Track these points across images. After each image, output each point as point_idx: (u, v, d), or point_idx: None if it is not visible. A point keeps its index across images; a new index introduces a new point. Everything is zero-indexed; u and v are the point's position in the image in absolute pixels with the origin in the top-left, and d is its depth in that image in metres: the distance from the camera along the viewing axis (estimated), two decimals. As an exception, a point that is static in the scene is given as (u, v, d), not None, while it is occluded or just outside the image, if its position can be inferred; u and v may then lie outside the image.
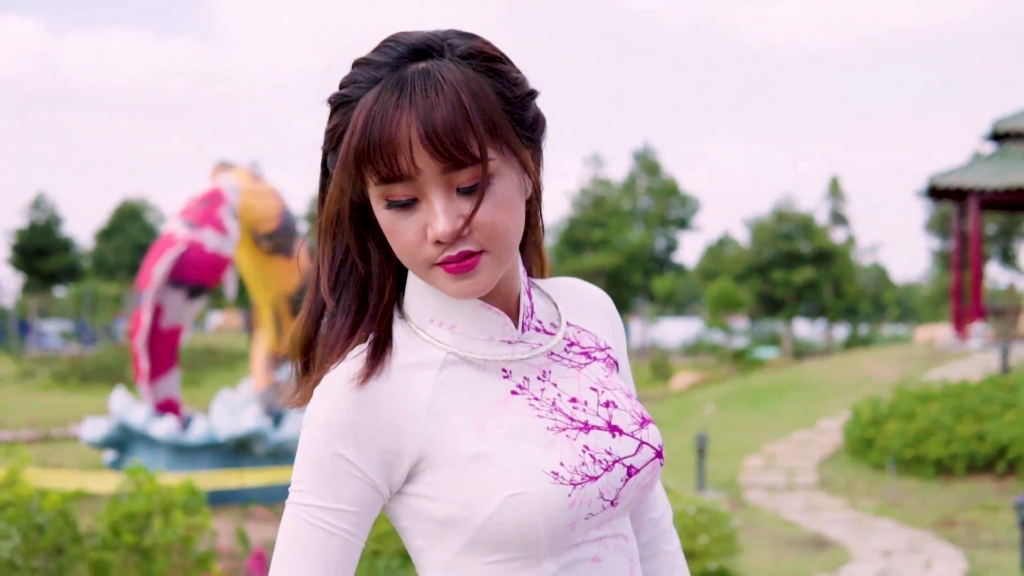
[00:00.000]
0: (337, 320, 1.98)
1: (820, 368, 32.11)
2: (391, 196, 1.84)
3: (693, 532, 12.05)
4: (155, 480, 7.94)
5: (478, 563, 1.92)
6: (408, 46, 1.87)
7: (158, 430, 17.57)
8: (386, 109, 1.80)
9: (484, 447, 1.90)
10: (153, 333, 18.02)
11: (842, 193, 76.37)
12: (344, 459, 1.88)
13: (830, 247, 70.05)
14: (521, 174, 1.92)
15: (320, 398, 1.91)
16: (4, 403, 36.81)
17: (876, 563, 13.25)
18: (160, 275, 17.69)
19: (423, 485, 1.92)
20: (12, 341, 68.89)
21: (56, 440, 27.15)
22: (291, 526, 1.91)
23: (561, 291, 2.21)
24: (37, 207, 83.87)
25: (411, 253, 1.87)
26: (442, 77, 1.81)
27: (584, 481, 1.91)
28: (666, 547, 2.29)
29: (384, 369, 1.91)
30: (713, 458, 20.52)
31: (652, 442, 2.07)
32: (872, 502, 17.56)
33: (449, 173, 1.82)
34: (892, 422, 19.34)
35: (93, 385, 41.97)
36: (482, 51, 1.90)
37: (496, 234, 1.86)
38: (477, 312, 1.99)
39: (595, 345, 2.16)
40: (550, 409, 1.98)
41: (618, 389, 2.11)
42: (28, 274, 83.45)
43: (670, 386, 42.78)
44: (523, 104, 1.93)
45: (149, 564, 7.61)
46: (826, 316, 72.76)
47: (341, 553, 1.90)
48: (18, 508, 7.74)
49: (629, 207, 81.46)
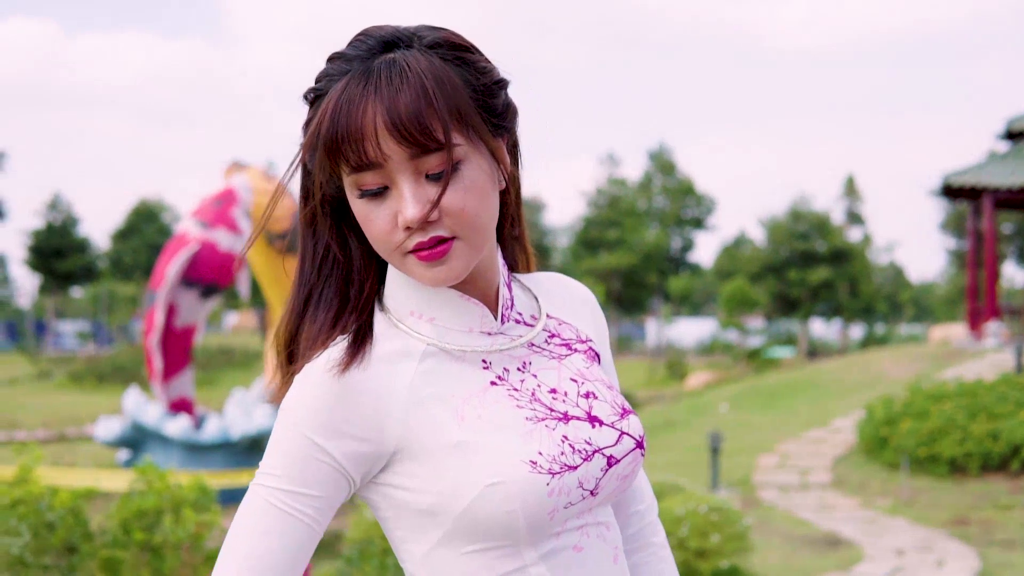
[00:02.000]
0: (320, 313, 2.00)
1: (834, 367, 32.05)
2: (362, 185, 1.86)
3: (705, 530, 12.06)
4: (165, 478, 7.96)
5: (459, 553, 1.94)
6: (378, 39, 1.89)
7: (171, 429, 17.63)
8: (352, 98, 1.82)
9: (463, 436, 1.91)
10: (166, 332, 18.09)
11: (858, 192, 76.23)
12: (315, 445, 1.88)
13: (846, 246, 69.95)
14: (492, 163, 1.94)
15: (299, 385, 1.93)
16: (20, 403, 36.95)
17: (889, 562, 13.24)
18: (173, 274, 17.76)
19: (402, 475, 1.94)
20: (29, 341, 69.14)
21: (71, 440, 27.26)
22: (253, 506, 1.91)
23: (542, 285, 2.22)
24: (53, 208, 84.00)
25: (384, 241, 1.89)
26: (407, 65, 1.84)
27: (563, 470, 1.92)
28: (653, 539, 2.31)
29: (364, 359, 1.93)
30: (727, 457, 20.50)
31: (633, 433, 2.08)
32: (886, 501, 17.54)
33: (416, 159, 1.83)
34: (906, 421, 19.30)
35: (109, 385, 42.10)
36: (449, 40, 1.92)
37: (466, 219, 1.87)
38: (456, 303, 2.00)
39: (576, 337, 2.18)
40: (529, 400, 1.99)
41: (599, 380, 2.12)
42: (44, 275, 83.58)
43: (684, 386, 42.79)
44: (490, 92, 1.94)
45: (159, 561, 7.64)
46: (842, 316, 72.66)
47: (300, 537, 1.90)
48: (29, 506, 7.77)
49: (644, 207, 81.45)
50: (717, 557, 12.13)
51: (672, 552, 10.61)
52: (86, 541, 7.85)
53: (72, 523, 7.81)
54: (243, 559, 1.88)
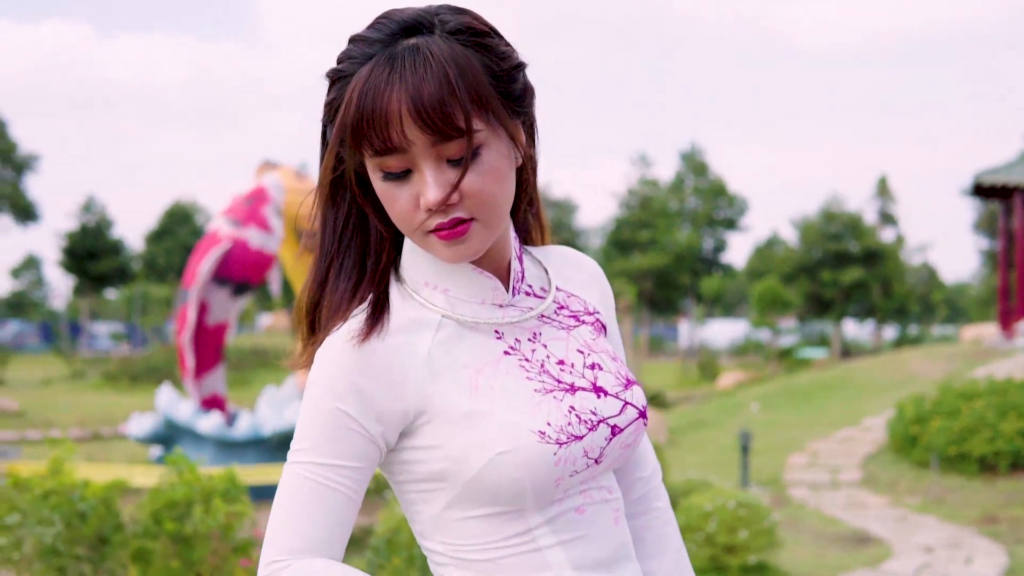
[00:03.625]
0: (340, 283, 2.08)
1: (866, 367, 31.97)
2: (386, 168, 1.94)
3: (733, 526, 12.09)
4: (196, 469, 8.05)
5: (467, 515, 2.03)
6: (400, 22, 1.96)
7: (204, 426, 17.75)
8: (378, 84, 1.90)
9: (476, 406, 2.00)
10: (198, 330, 18.22)
11: (890, 192, 75.94)
12: (345, 415, 1.97)
13: (879, 247, 69.70)
14: (510, 145, 2.01)
15: (322, 357, 2.01)
16: (55, 403, 37.14)
17: (917, 559, 13.24)
18: (205, 273, 17.88)
19: (418, 441, 2.02)
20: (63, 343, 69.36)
21: (105, 439, 27.42)
22: (290, 483, 2.00)
23: (553, 258, 2.31)
24: (87, 210, 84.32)
25: (407, 221, 1.97)
26: (431, 53, 1.90)
27: (570, 440, 2.00)
28: (656, 503, 2.37)
29: (383, 329, 2.01)
30: (757, 456, 20.51)
31: (636, 403, 2.16)
32: (915, 499, 17.52)
33: (438, 145, 1.91)
34: (936, 420, 19.26)
35: (143, 385, 42.28)
36: (471, 26, 1.98)
37: (484, 202, 1.95)
38: (469, 276, 2.09)
39: (584, 309, 2.26)
40: (539, 372, 2.08)
41: (604, 352, 2.20)
42: (79, 276, 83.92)
43: (716, 386, 42.77)
44: (510, 77, 2.01)
45: (189, 551, 7.73)
46: (875, 316, 72.42)
47: (340, 507, 1.98)
48: (61, 496, 7.88)
49: (677, 207, 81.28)
50: (745, 552, 12.17)
51: (700, 548, 10.65)
52: (117, 531, 7.96)
53: (104, 514, 7.91)
54: (290, 536, 1.96)
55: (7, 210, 77.61)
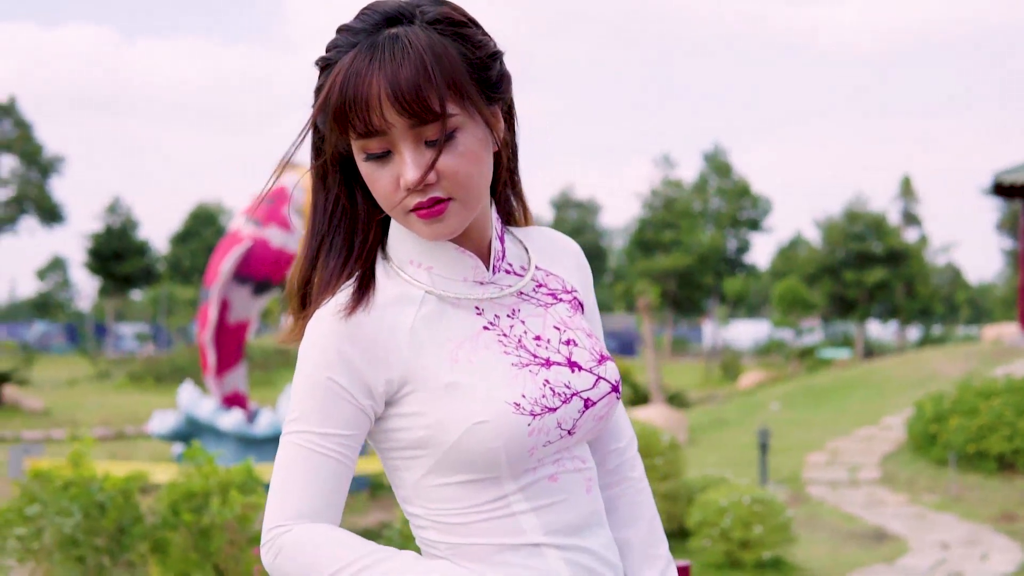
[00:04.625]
0: (330, 260, 2.21)
1: (886, 366, 31.91)
2: (368, 149, 2.08)
3: (748, 521, 12.16)
4: (213, 461, 8.17)
5: (445, 482, 2.14)
6: (382, 14, 2.09)
7: (225, 423, 17.85)
8: (359, 71, 2.03)
9: (456, 378, 2.12)
10: (220, 328, 18.32)
11: (914, 192, 75.76)
12: (336, 383, 2.10)
13: (902, 247, 69.48)
14: (487, 129, 2.13)
15: (312, 330, 2.14)
16: (80, 403, 37.32)
17: (933, 555, 13.29)
18: (226, 271, 17.97)
19: (402, 409, 2.14)
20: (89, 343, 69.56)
21: (129, 438, 27.60)
22: (287, 453, 2.13)
23: (533, 238, 2.42)
24: (113, 211, 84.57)
25: (388, 200, 2.10)
26: (408, 41, 2.03)
27: (543, 412, 2.12)
28: (630, 473, 2.47)
29: (369, 303, 2.14)
30: (776, 455, 20.54)
31: (609, 377, 2.27)
32: (934, 497, 17.54)
33: (417, 128, 2.04)
34: (955, 418, 19.26)
35: (167, 385, 42.40)
36: (448, 16, 2.10)
37: (460, 183, 2.08)
38: (452, 255, 2.20)
39: (562, 288, 2.37)
40: (516, 346, 2.19)
41: (579, 329, 2.31)
42: (104, 278, 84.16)
43: (737, 385, 42.74)
44: (486, 64, 2.13)
45: (207, 542, 7.84)
46: (899, 317, 72.21)
47: (335, 474, 2.12)
48: (81, 487, 7.99)
49: (700, 208, 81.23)
50: (760, 548, 12.24)
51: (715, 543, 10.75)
52: (136, 523, 8.07)
53: (123, 505, 8.02)
54: (290, 502, 2.10)
55: (33, 212, 77.90)
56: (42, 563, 8.03)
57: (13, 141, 77.06)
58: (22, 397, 34.40)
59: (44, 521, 7.94)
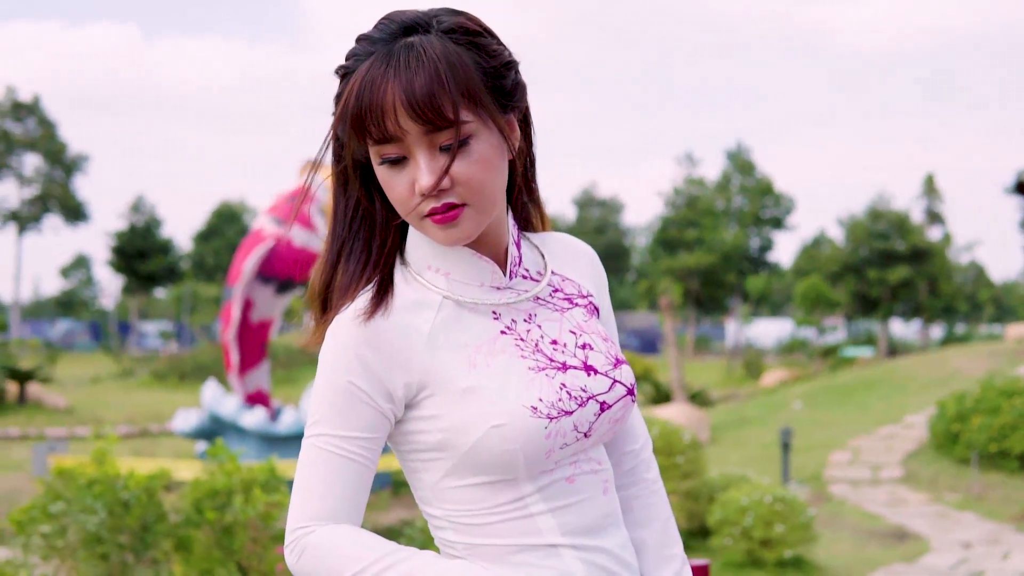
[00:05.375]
0: (349, 265, 2.25)
1: (909, 365, 31.85)
2: (384, 155, 2.11)
3: (770, 520, 12.17)
4: (236, 460, 8.21)
5: (464, 483, 2.18)
6: (400, 23, 2.13)
7: (248, 421, 17.92)
8: (375, 79, 2.07)
9: (473, 382, 2.15)
10: (243, 327, 18.39)
11: (937, 191, 75.50)
12: (356, 387, 2.14)
13: (926, 245, 69.26)
14: (501, 137, 2.17)
15: (331, 335, 2.18)
16: (104, 400, 37.47)
17: (955, 554, 13.29)
18: (249, 270, 18.04)
19: (421, 412, 2.18)
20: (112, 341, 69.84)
21: (153, 435, 27.71)
22: (308, 456, 2.17)
23: (550, 244, 2.45)
24: (137, 210, 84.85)
25: (404, 205, 2.14)
26: (423, 50, 2.07)
27: (560, 415, 2.15)
28: (646, 475, 2.50)
29: (387, 308, 2.18)
30: (799, 453, 20.54)
31: (624, 380, 2.30)
32: (956, 496, 17.53)
33: (431, 134, 2.08)
34: (977, 417, 19.23)
35: (191, 383, 42.57)
36: (463, 26, 2.14)
37: (474, 189, 2.11)
38: (469, 260, 2.24)
39: (578, 292, 2.40)
40: (533, 350, 2.22)
41: (595, 333, 2.34)
42: (128, 276, 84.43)
43: (760, 383, 42.69)
44: (500, 73, 2.17)
45: (230, 539, 7.88)
46: (922, 315, 72.00)
47: (356, 476, 2.15)
48: (105, 485, 8.04)
49: (723, 206, 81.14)
50: (781, 547, 12.25)
51: (737, 541, 10.76)
52: (160, 520, 8.11)
53: (147, 503, 8.07)
54: (312, 504, 2.14)
55: (57, 210, 78.25)
56: (66, 560, 8.08)
57: (37, 140, 77.41)
58: (46, 395, 34.54)
59: (68, 519, 7.99)
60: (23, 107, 77.86)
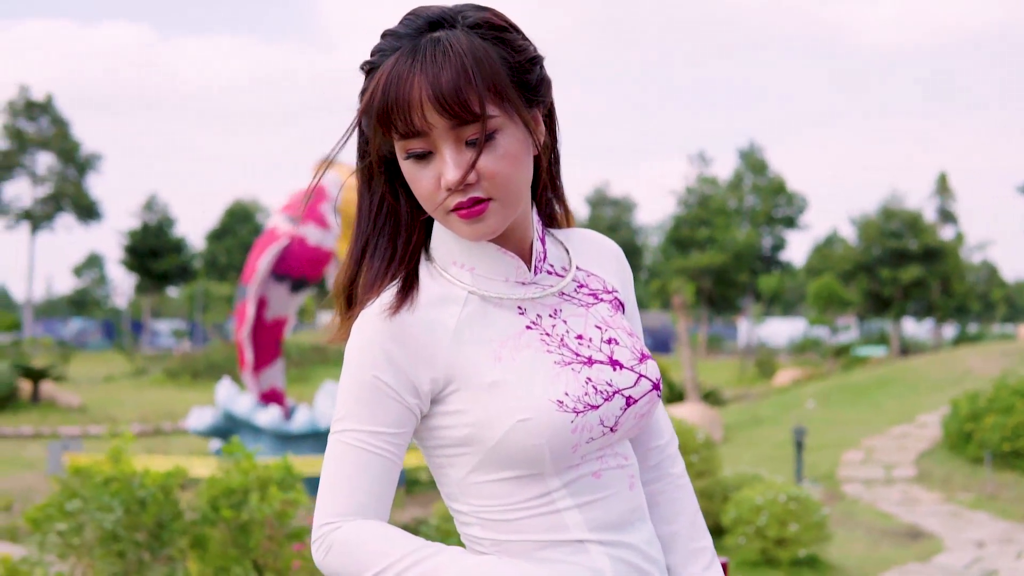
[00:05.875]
0: (375, 261, 2.26)
1: (922, 364, 31.83)
2: (410, 149, 2.12)
3: (784, 520, 12.16)
4: (252, 458, 8.22)
5: (490, 478, 2.19)
6: (425, 18, 2.14)
7: (262, 419, 17.94)
8: (401, 73, 2.08)
9: (500, 376, 2.16)
10: (257, 325, 18.40)
11: (950, 190, 75.39)
12: (382, 382, 2.15)
13: (938, 244, 69.08)
14: (526, 131, 2.18)
15: (357, 330, 2.19)
16: (117, 399, 37.49)
17: (968, 553, 13.27)
18: (264, 269, 18.05)
19: (447, 407, 2.19)
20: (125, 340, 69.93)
21: (166, 433, 27.72)
22: (335, 451, 2.18)
23: (574, 239, 2.46)
24: (149, 209, 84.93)
25: (429, 199, 2.15)
26: (450, 44, 2.08)
27: (586, 409, 2.16)
28: (672, 470, 2.51)
29: (413, 303, 2.19)
30: (812, 452, 20.52)
31: (650, 375, 2.31)
32: (969, 495, 17.50)
33: (457, 129, 2.08)
34: (991, 416, 19.20)
35: (204, 382, 42.61)
36: (489, 21, 2.15)
37: (500, 183, 2.12)
38: (494, 255, 2.25)
39: (603, 288, 2.41)
40: (558, 345, 2.23)
41: (621, 328, 2.35)
42: (141, 275, 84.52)
43: (772, 383, 42.65)
44: (525, 68, 2.18)
45: (246, 537, 7.89)
46: (934, 315, 71.86)
47: (383, 471, 2.16)
48: (121, 483, 8.05)
49: (735, 205, 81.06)
50: (796, 546, 12.24)
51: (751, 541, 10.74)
52: (176, 518, 8.12)
53: (163, 501, 8.08)
54: (339, 500, 2.15)
55: (70, 209, 78.35)
56: (82, 559, 8.09)
57: (51, 139, 77.54)
58: (59, 393, 34.56)
59: (85, 517, 8.00)
60: (36, 106, 78.03)
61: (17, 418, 30.52)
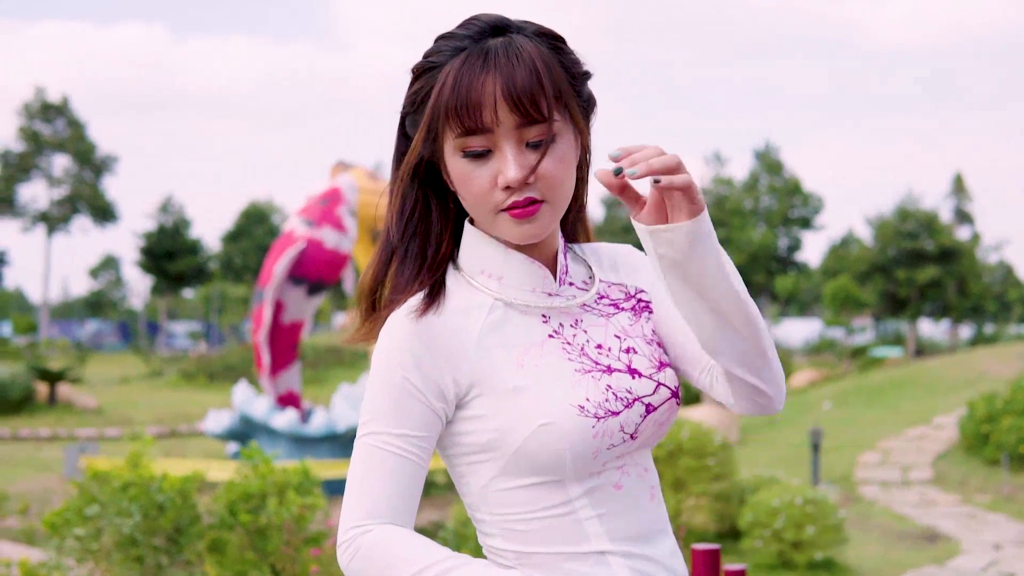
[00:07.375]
0: (404, 268, 2.30)
1: (938, 366, 31.79)
2: (468, 147, 2.17)
3: (800, 522, 12.17)
4: (270, 462, 8.24)
5: (511, 486, 2.21)
6: (487, 23, 2.21)
7: (279, 422, 17.98)
8: (473, 70, 2.14)
9: (521, 382, 2.19)
10: (274, 328, 18.45)
11: (966, 190, 75.14)
12: (410, 383, 2.17)
13: (954, 245, 68.81)
14: (576, 142, 2.24)
15: (386, 332, 2.22)
16: (133, 401, 37.56)
17: (986, 556, 13.26)
18: (280, 272, 18.10)
19: (470, 412, 2.22)
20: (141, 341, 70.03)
21: (183, 435, 27.78)
22: (363, 454, 2.19)
23: (597, 253, 2.49)
24: (165, 210, 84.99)
25: (483, 198, 2.19)
26: (521, 47, 2.15)
27: (607, 415, 2.19)
28: None
29: (440, 308, 2.22)
30: (828, 454, 20.52)
31: (668, 383, 2.33)
32: (986, 497, 17.50)
33: (521, 128, 2.14)
34: (1007, 418, 19.19)
35: (220, 383, 42.61)
36: (550, 32, 2.24)
37: (555, 186, 2.18)
38: (522, 265, 2.28)
39: (625, 295, 2.44)
40: (579, 354, 2.26)
41: (639, 336, 2.37)
42: (157, 276, 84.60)
43: (789, 384, 42.57)
44: (582, 80, 2.26)
45: (264, 542, 7.92)
46: (951, 315, 71.66)
47: (410, 474, 2.18)
48: (140, 488, 8.08)
49: (751, 206, 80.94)
50: (812, 549, 12.24)
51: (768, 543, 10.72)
52: (194, 523, 8.15)
53: (180, 505, 8.11)
54: (367, 503, 2.16)
55: (86, 211, 78.49)
56: (100, 563, 8.12)
57: (66, 140, 77.69)
58: (75, 395, 34.65)
59: (103, 521, 8.03)
60: (52, 108, 78.17)
61: (34, 420, 30.60)
